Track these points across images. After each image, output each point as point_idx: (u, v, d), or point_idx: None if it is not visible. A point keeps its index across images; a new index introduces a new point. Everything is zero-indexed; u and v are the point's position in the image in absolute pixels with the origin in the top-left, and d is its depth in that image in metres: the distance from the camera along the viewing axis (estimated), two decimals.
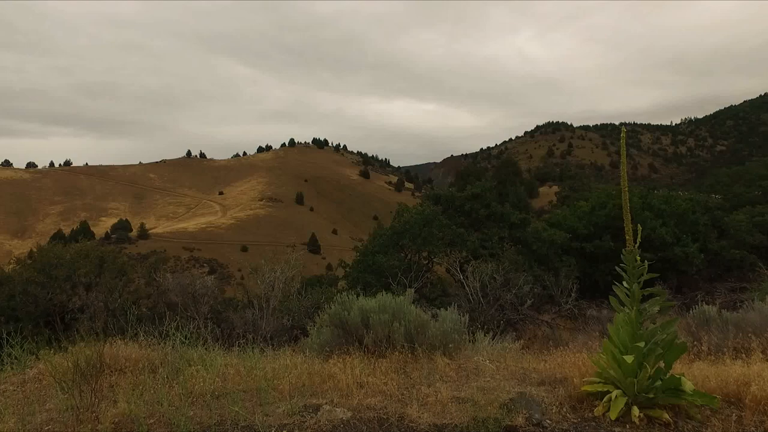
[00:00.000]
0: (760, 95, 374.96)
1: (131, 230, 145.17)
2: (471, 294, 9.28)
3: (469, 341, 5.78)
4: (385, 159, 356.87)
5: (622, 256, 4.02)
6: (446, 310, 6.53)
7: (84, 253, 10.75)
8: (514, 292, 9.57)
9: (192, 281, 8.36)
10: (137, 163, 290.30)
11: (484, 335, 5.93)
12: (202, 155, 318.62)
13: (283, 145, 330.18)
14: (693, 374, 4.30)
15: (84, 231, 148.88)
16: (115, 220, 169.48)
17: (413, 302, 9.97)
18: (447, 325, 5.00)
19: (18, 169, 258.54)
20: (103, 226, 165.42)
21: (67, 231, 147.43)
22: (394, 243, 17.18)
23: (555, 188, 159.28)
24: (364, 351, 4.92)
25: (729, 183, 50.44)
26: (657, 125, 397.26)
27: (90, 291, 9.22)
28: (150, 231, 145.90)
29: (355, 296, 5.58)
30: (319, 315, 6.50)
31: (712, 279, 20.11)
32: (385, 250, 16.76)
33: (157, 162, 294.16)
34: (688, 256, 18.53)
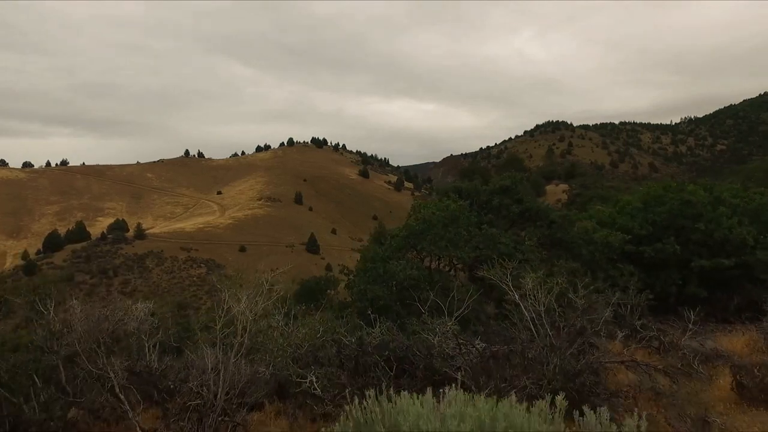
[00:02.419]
0: (760, 94, 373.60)
1: (128, 230, 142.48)
2: (535, 323, 6.36)
3: None
4: (385, 158, 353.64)
5: None
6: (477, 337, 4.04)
7: None
8: (601, 320, 6.58)
9: (112, 312, 5.60)
10: (135, 162, 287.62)
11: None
12: (200, 155, 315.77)
13: (282, 144, 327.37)
14: None
15: (80, 231, 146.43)
16: (111, 220, 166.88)
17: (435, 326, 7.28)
18: None
19: (14, 168, 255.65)
20: (99, 226, 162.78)
21: (63, 231, 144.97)
22: (410, 246, 14.26)
23: (563, 186, 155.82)
24: None
25: (764, 178, 47.23)
26: (657, 124, 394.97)
27: None
28: (147, 231, 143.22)
29: (392, 395, 2.59)
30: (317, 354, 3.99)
31: None
32: (398, 255, 13.86)
33: (154, 161, 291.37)
34: None
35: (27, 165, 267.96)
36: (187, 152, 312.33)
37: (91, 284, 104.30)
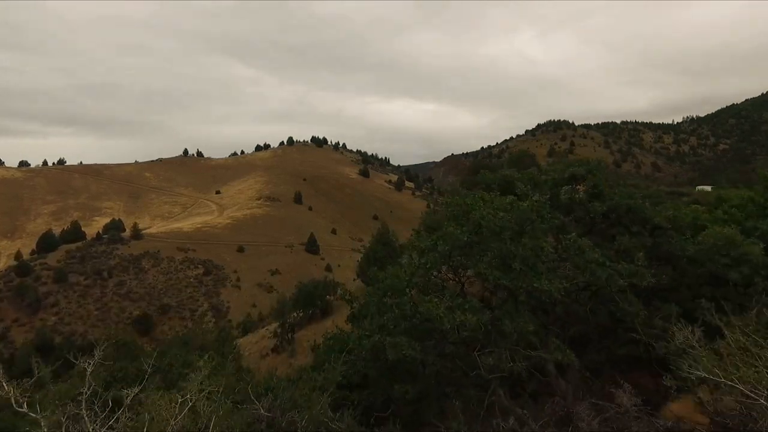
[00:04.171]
0: (762, 94, 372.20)
1: (124, 230, 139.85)
2: None
3: None
4: (385, 158, 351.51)
5: None
6: None
7: None
8: None
9: None
10: (134, 162, 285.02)
11: None
12: (200, 154, 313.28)
13: (282, 143, 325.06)
14: None
15: (75, 231, 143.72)
16: (108, 220, 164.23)
17: None
18: None
19: (10, 167, 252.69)
20: (96, 226, 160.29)
21: (58, 231, 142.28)
22: (453, 266, 9.37)
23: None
24: None
25: None
26: (659, 124, 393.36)
27: None
28: (144, 231, 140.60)
29: None
30: None
31: None
32: (426, 281, 8.91)
33: (153, 161, 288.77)
34: None
35: (23, 164, 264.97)
36: (185, 151, 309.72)
37: (85, 285, 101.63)
